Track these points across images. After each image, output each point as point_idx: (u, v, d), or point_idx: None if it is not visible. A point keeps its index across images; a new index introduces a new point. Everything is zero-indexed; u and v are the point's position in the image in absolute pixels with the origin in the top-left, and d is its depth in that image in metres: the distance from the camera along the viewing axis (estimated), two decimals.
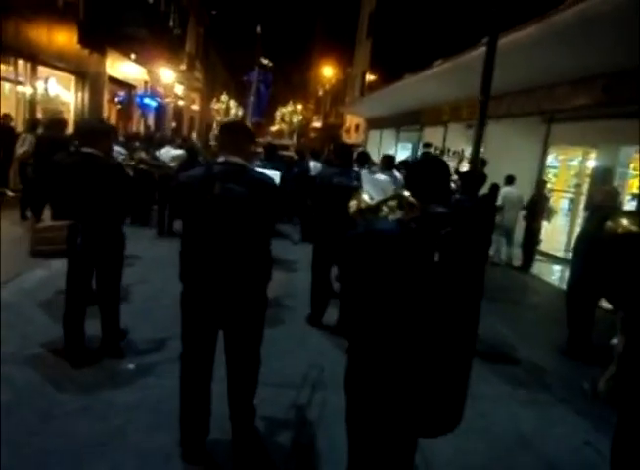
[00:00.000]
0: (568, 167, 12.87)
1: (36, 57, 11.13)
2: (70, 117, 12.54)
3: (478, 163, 6.52)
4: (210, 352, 2.83)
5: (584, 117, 9.14)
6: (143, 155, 8.47)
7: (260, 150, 9.44)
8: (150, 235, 8.43)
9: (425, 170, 2.13)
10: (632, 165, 9.81)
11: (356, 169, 5.62)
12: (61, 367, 3.64)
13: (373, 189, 3.92)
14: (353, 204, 2.89)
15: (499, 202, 8.76)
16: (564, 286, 6.10)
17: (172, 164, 8.55)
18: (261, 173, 2.99)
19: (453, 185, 6.18)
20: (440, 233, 1.89)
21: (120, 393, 3.39)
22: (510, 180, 9.38)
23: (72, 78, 13.37)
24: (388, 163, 6.78)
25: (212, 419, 2.90)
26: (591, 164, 11.10)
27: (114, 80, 16.18)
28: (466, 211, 4.81)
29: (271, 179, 2.86)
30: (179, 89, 25.27)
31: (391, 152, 20.26)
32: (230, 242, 2.63)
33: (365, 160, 7.39)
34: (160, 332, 4.37)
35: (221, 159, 2.71)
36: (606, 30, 6.29)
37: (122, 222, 3.96)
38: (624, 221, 2.95)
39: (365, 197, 2.97)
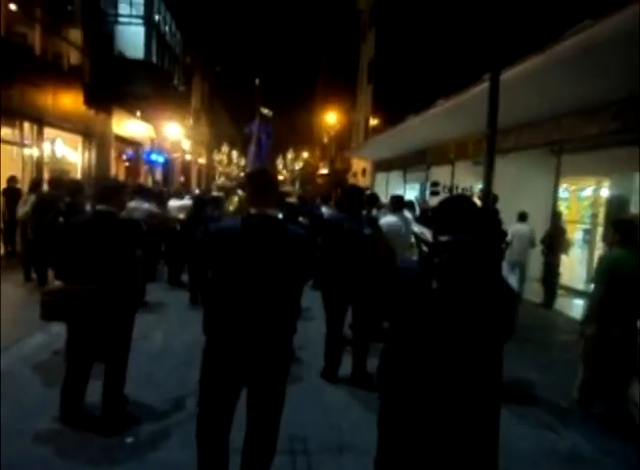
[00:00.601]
0: (579, 198, 12.64)
1: (42, 119, 11.29)
2: (77, 177, 12.61)
3: (490, 199, 6.27)
4: (230, 411, 2.64)
5: (595, 147, 8.94)
6: (153, 208, 8.35)
7: None
8: (155, 287, 8.17)
9: (443, 207, 2.23)
10: None
11: (364, 212, 5.42)
12: (53, 444, 3.33)
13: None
14: None
15: (509, 238, 8.67)
16: None
17: (180, 216, 8.53)
18: (294, 227, 2.89)
19: None
20: (435, 261, 1.98)
21: None
22: (522, 217, 9.25)
23: (79, 139, 13.55)
24: (397, 203, 6.58)
25: None
26: (604, 193, 10.89)
27: (120, 138, 16.43)
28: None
29: (304, 232, 2.79)
30: (186, 144, 25.70)
31: (399, 192, 20.18)
32: (263, 295, 2.55)
33: (374, 202, 7.23)
34: (162, 396, 4.07)
35: (255, 211, 2.61)
36: (610, 57, 6.16)
37: (139, 281, 3.77)
38: None
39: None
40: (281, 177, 41.43)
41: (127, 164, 18.25)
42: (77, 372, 3.59)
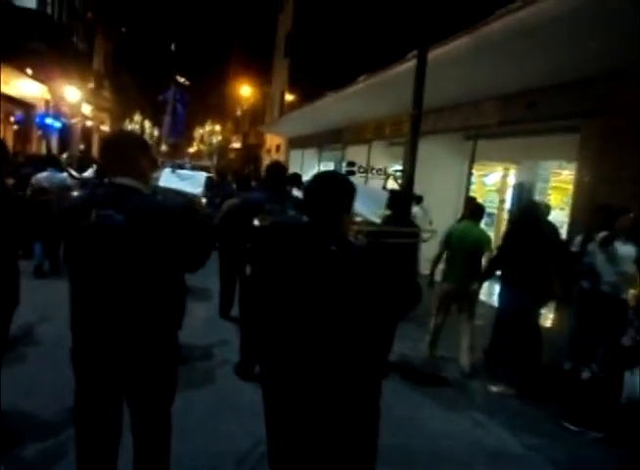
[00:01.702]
0: (484, 183, 13.02)
1: None
2: None
3: (412, 180, 6.12)
4: (111, 426, 2.24)
5: (508, 134, 9.13)
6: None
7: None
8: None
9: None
10: (552, 180, 10.00)
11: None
12: None
13: (367, 205, 3.18)
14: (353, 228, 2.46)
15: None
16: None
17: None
18: (157, 198, 2.40)
19: None
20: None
21: None
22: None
23: None
24: None
25: None
26: (510, 179, 11.27)
27: (8, 98, 14.62)
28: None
29: (170, 205, 2.26)
30: (87, 109, 23.65)
31: (314, 171, 19.93)
32: (119, 283, 2.11)
33: (298, 182, 6.91)
34: (52, 405, 3.46)
35: (106, 179, 2.25)
36: (538, 41, 6.13)
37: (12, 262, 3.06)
38: None
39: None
40: (192, 149, 39.65)
41: (16, 127, 16.38)
42: None
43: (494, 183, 12.69)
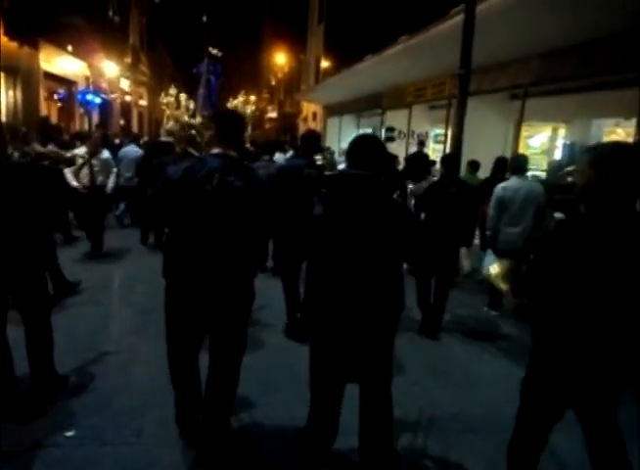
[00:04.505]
0: (527, 146, 12.45)
1: None
2: (1, 117, 11.31)
3: (461, 143, 5.92)
4: (196, 349, 2.78)
5: (559, 91, 8.67)
6: (39, 148, 6.54)
7: None
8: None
9: (350, 144, 2.59)
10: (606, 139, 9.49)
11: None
12: None
13: None
14: None
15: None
16: None
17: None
18: (254, 169, 2.96)
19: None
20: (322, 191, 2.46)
21: None
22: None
23: (1, 75, 12.09)
24: None
25: None
26: (559, 140, 10.76)
27: (51, 76, 14.88)
28: (451, 196, 4.70)
29: (263, 176, 3.02)
30: (125, 84, 23.88)
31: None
32: (226, 237, 2.54)
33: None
34: (110, 374, 3.56)
35: (216, 151, 2.60)
36: None
37: (41, 239, 3.16)
38: None
39: None
40: None
41: (60, 104, 16.69)
42: None
43: (540, 145, 12.18)
